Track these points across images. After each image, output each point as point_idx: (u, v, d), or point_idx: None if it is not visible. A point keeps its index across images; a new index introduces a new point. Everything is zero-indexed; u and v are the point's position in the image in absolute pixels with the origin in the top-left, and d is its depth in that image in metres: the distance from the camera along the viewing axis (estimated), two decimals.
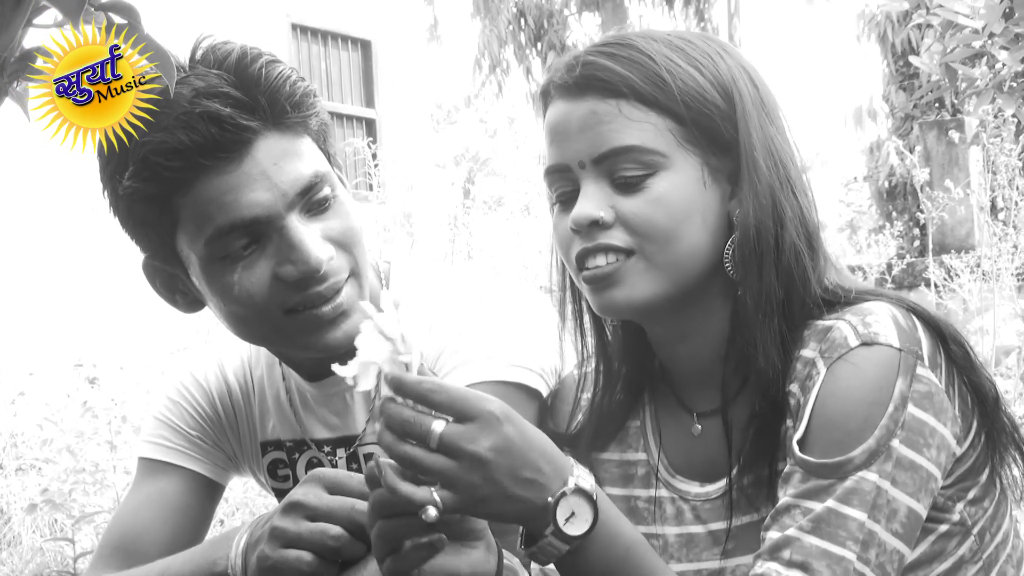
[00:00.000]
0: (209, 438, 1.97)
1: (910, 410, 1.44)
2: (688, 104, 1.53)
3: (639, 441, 1.68)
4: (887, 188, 15.36)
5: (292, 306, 1.74)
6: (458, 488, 1.31)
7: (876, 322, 1.47)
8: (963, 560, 1.53)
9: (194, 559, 1.70)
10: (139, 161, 1.67)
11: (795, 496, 1.44)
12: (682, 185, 1.52)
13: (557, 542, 1.36)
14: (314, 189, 1.74)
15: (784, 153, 1.57)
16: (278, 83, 1.72)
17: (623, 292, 1.54)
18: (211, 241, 1.72)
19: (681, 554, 1.61)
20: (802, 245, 1.53)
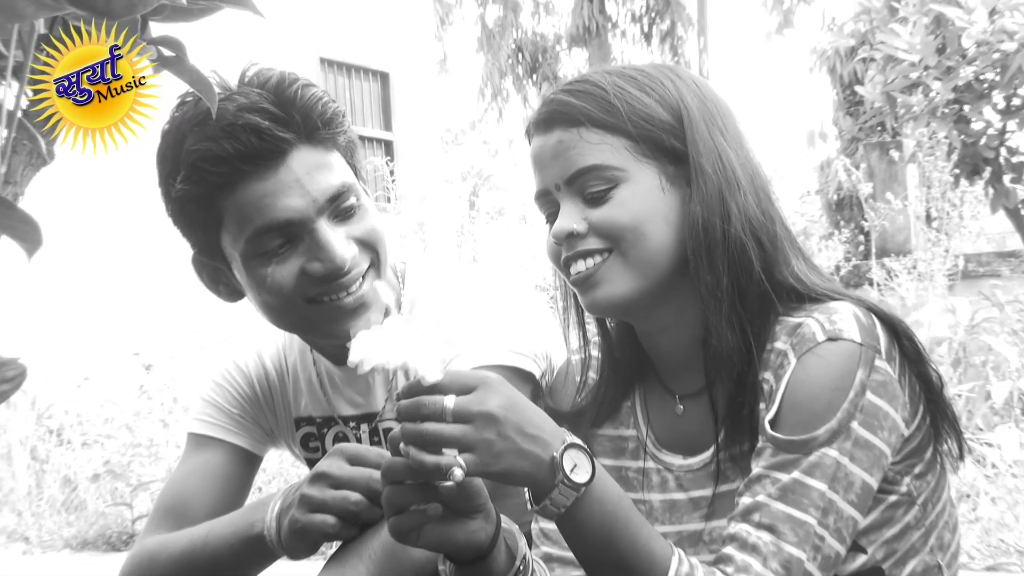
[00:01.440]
0: (249, 416, 1.97)
1: (868, 397, 1.45)
2: (637, 124, 1.54)
3: (630, 419, 1.68)
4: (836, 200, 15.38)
5: (312, 296, 1.74)
6: (477, 448, 1.31)
7: (840, 320, 1.47)
8: (908, 526, 1.53)
9: (235, 522, 1.69)
10: (189, 166, 1.69)
11: (766, 468, 1.45)
12: (642, 193, 1.53)
13: (567, 490, 1.35)
14: (341, 197, 1.75)
15: (732, 158, 1.57)
16: (311, 103, 1.72)
17: (604, 290, 1.55)
18: (251, 240, 1.72)
19: (665, 518, 1.61)
20: (748, 239, 1.53)
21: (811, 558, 1.40)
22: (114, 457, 7.19)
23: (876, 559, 1.51)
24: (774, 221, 1.57)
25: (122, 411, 7.60)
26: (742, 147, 1.60)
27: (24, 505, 7.21)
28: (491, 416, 1.31)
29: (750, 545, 1.41)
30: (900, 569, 1.52)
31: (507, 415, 1.32)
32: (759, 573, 1.39)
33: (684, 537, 1.58)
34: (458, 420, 1.31)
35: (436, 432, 1.31)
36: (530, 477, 1.35)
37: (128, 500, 6.74)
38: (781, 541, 1.40)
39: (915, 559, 1.53)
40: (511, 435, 1.32)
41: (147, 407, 7.54)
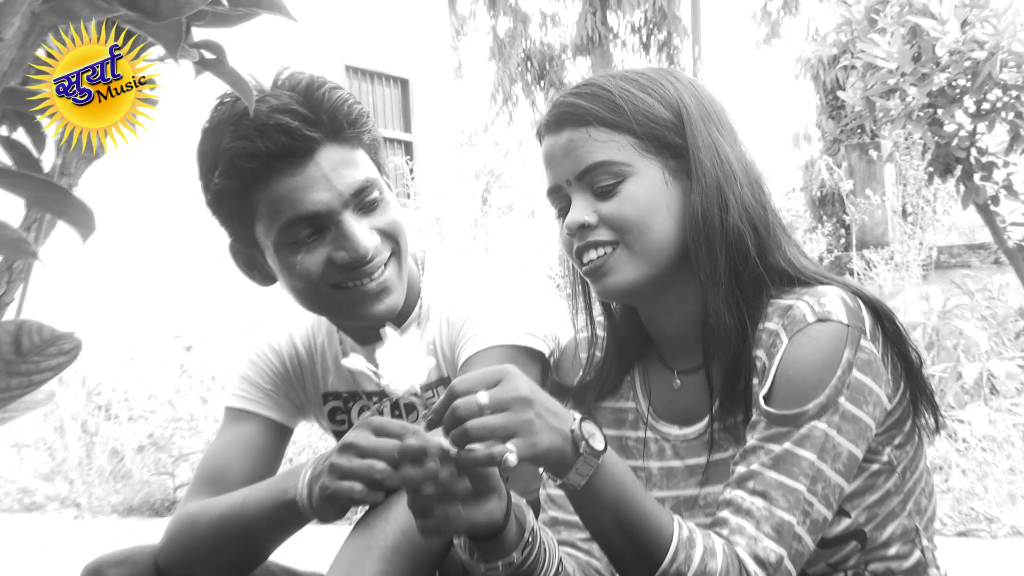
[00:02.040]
0: (281, 391, 1.97)
1: (854, 374, 1.45)
2: (641, 122, 1.54)
3: (630, 393, 1.68)
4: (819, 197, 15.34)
5: (338, 282, 1.75)
6: (520, 431, 1.30)
7: (829, 303, 1.47)
8: (889, 493, 1.53)
9: (269, 488, 1.69)
10: (226, 162, 1.71)
11: (759, 439, 1.45)
12: (647, 186, 1.53)
13: (591, 459, 1.34)
14: (365, 191, 1.76)
15: (728, 152, 1.57)
16: (338, 104, 1.73)
17: (614, 279, 1.55)
18: (282, 230, 1.73)
19: (662, 484, 1.61)
20: (745, 227, 1.53)
21: (800, 522, 1.40)
22: (157, 430, 7.21)
23: (859, 522, 1.51)
24: (767, 209, 1.57)
25: (164, 388, 7.62)
26: (736, 142, 1.59)
27: (75, 474, 7.23)
28: (525, 399, 1.31)
29: (744, 510, 1.41)
30: (881, 532, 1.52)
31: (536, 395, 1.32)
32: (752, 535, 1.40)
33: (680, 501, 1.58)
34: (497, 411, 1.30)
35: (480, 426, 1.29)
36: (560, 452, 1.34)
37: (170, 470, 6.76)
38: (773, 506, 1.40)
39: (894, 522, 1.53)
40: (543, 414, 1.32)
41: (187, 385, 7.56)
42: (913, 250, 7.10)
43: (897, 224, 7.46)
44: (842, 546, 1.50)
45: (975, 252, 8.99)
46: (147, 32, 0.89)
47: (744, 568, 1.38)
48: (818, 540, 1.44)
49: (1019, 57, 6.48)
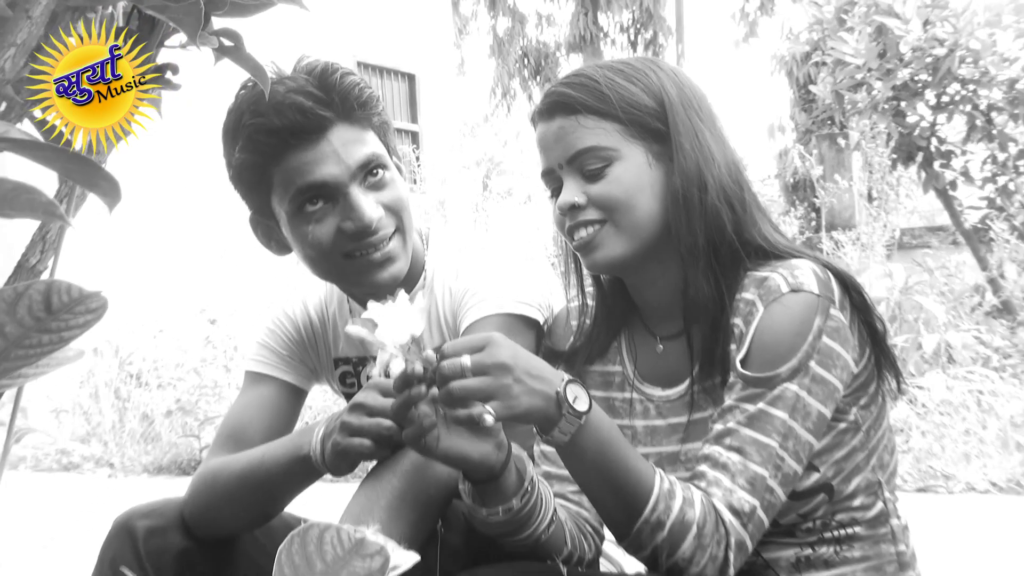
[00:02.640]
0: (296, 356, 1.96)
1: (824, 340, 1.44)
2: (626, 110, 1.53)
3: (617, 357, 1.68)
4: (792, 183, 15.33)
5: (348, 252, 1.75)
6: (498, 394, 1.31)
7: (801, 274, 1.46)
8: (854, 449, 1.53)
9: (286, 445, 1.69)
10: (245, 138, 1.72)
11: (736, 400, 1.45)
12: (632, 169, 1.52)
13: (572, 419, 1.35)
14: (372, 167, 1.76)
15: (707, 136, 1.56)
16: (349, 87, 1.74)
17: (602, 253, 1.55)
18: (294, 199, 1.73)
19: (647, 440, 1.61)
20: (722, 206, 1.52)
21: (773, 475, 1.40)
22: (184, 396, 7.22)
23: (827, 476, 1.51)
24: (744, 189, 1.56)
25: (191, 358, 7.64)
26: (715, 127, 1.58)
27: (109, 437, 7.25)
28: (504, 365, 1.32)
29: (721, 464, 1.42)
30: (847, 485, 1.52)
31: (516, 362, 1.33)
32: (728, 487, 1.40)
33: (663, 457, 1.58)
34: (477, 374, 1.31)
35: (461, 388, 1.31)
36: (542, 412, 1.35)
37: (196, 432, 6.77)
38: (748, 461, 1.40)
39: (859, 476, 1.53)
40: (523, 378, 1.33)
41: (212, 355, 7.57)
42: (878, 231, 7.09)
43: (863, 207, 7.44)
44: (811, 498, 1.50)
45: (935, 233, 8.99)
46: (169, 17, 0.88)
47: (720, 517, 1.39)
48: (789, 492, 1.44)
49: (976, 54, 6.47)
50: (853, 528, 1.53)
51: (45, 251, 0.94)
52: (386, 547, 0.82)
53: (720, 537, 1.38)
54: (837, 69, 7.05)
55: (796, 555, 1.53)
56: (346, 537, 0.79)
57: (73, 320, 0.69)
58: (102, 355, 7.81)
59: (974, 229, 7.03)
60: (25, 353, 0.70)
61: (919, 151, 6.95)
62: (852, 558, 1.54)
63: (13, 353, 0.69)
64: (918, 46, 6.61)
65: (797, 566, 1.53)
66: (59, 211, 0.67)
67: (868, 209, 7.31)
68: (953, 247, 7.90)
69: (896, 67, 6.70)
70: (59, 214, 0.68)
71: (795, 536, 1.53)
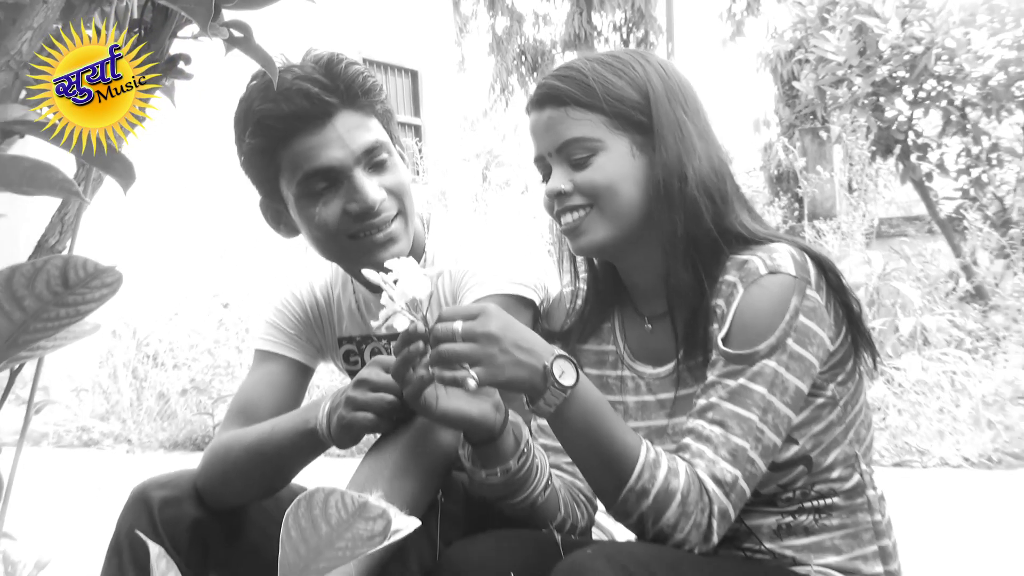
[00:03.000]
0: (303, 335, 1.96)
1: (800, 319, 1.44)
2: (610, 103, 1.53)
3: (610, 337, 1.68)
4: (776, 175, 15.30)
5: (352, 232, 1.75)
6: (483, 361, 1.35)
7: (779, 257, 1.47)
8: (832, 423, 1.53)
9: (293, 419, 1.70)
10: (255, 124, 1.72)
11: (718, 376, 1.45)
12: (615, 159, 1.52)
13: (557, 392, 1.38)
14: (375, 152, 1.76)
15: (691, 128, 1.55)
16: (354, 76, 1.74)
17: (587, 238, 1.55)
18: (301, 182, 1.74)
19: (637, 415, 1.61)
20: (701, 196, 1.52)
21: (753, 447, 1.41)
22: (198, 376, 7.23)
23: (806, 449, 1.51)
24: (724, 180, 1.55)
25: (205, 340, 7.64)
26: (700, 119, 1.57)
27: (127, 414, 7.25)
28: (491, 335, 1.35)
29: (704, 436, 1.42)
30: (825, 457, 1.53)
31: (505, 334, 1.36)
32: (711, 459, 1.40)
33: (652, 431, 1.58)
34: (466, 340, 1.35)
35: (449, 351, 1.35)
36: (528, 383, 1.37)
37: (210, 410, 6.77)
38: (729, 433, 1.41)
39: (837, 449, 1.54)
40: (509, 349, 1.36)
41: (224, 337, 7.58)
42: (858, 220, 7.09)
43: (844, 198, 7.44)
44: (791, 469, 1.51)
45: (911, 223, 8.98)
46: (181, 7, 0.88)
47: (704, 486, 1.39)
48: (769, 464, 1.45)
49: (951, 52, 6.46)
50: (831, 498, 1.54)
51: (64, 232, 0.94)
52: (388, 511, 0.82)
53: (704, 505, 1.39)
54: (819, 66, 7.04)
55: (777, 522, 1.53)
56: (350, 501, 0.79)
57: (89, 294, 0.69)
58: (120, 337, 7.82)
59: (949, 219, 7.03)
60: (43, 326, 0.70)
61: (897, 144, 6.94)
62: (830, 526, 1.54)
63: (32, 326, 0.69)
64: (896, 44, 6.61)
65: (778, 532, 1.53)
66: (75, 188, 0.67)
67: (848, 199, 7.31)
68: (929, 236, 7.90)
69: (875, 64, 6.69)
70: (75, 191, 0.68)
71: (776, 505, 1.53)
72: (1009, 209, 6.79)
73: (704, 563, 1.40)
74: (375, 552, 0.82)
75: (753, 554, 1.54)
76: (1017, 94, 6.58)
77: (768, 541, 1.53)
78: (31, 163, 0.67)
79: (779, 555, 1.53)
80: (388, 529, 0.80)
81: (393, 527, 0.82)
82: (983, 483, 4.35)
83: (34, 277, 0.68)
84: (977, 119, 6.73)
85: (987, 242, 6.72)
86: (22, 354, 0.71)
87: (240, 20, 1.07)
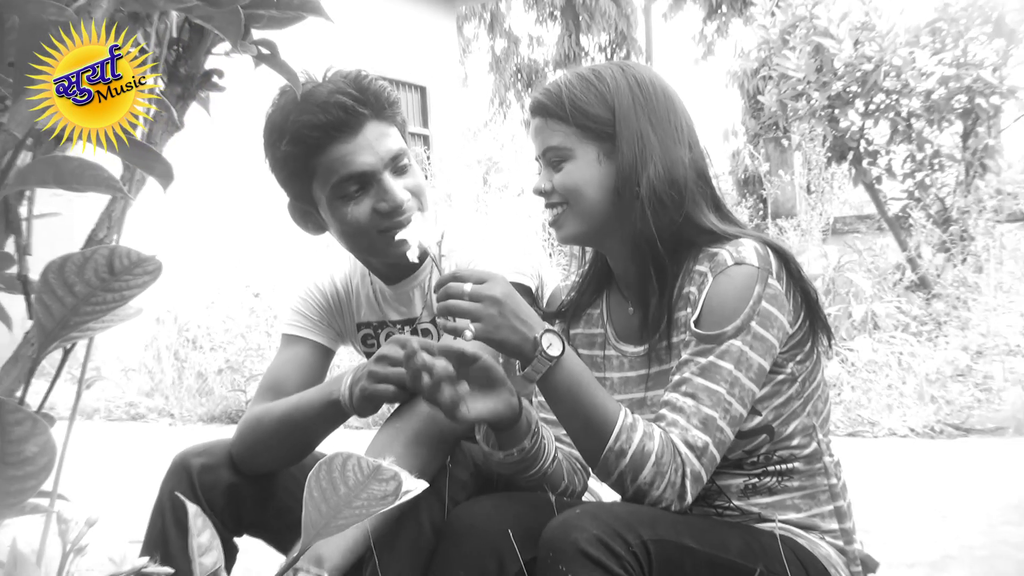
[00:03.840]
0: (325, 321, 1.95)
1: (763, 304, 1.44)
2: (577, 117, 1.53)
3: (599, 321, 1.68)
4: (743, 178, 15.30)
5: (382, 228, 1.75)
6: (483, 320, 1.39)
7: (744, 251, 1.47)
8: (791, 397, 1.53)
9: (319, 391, 1.70)
10: (293, 133, 1.71)
11: (690, 354, 1.45)
12: (582, 166, 1.52)
13: (544, 360, 1.40)
14: (399, 158, 1.76)
15: (653, 140, 1.52)
16: (380, 90, 1.75)
17: (564, 231, 1.57)
18: (335, 186, 1.74)
19: (621, 389, 1.61)
20: (653, 201, 1.50)
21: (722, 417, 1.41)
22: (233, 357, 7.23)
23: (768, 420, 1.51)
24: (682, 186, 1.52)
25: (238, 325, 7.64)
26: (667, 128, 1.55)
27: (169, 392, 7.25)
28: (495, 299, 1.39)
29: (678, 407, 1.42)
30: (785, 427, 1.52)
31: (506, 301, 1.39)
32: (684, 426, 1.41)
33: (633, 402, 1.58)
34: (473, 300, 1.39)
35: (456, 306, 1.39)
36: (518, 348, 1.40)
37: (243, 387, 6.77)
38: (700, 404, 1.41)
39: (796, 420, 1.53)
40: (508, 315, 1.39)
41: (255, 322, 7.58)
42: (815, 219, 7.09)
43: (803, 199, 7.43)
44: (755, 437, 1.51)
45: (863, 221, 8.99)
46: (215, 26, 0.87)
47: (677, 449, 1.39)
48: (736, 432, 1.45)
49: (898, 69, 6.46)
50: (792, 463, 1.54)
51: (111, 227, 0.94)
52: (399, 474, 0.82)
53: (677, 466, 1.39)
54: (781, 82, 7.03)
55: (744, 483, 1.53)
56: (366, 465, 0.79)
57: (133, 281, 0.68)
58: (163, 323, 7.82)
59: (896, 217, 7.03)
60: (92, 309, 0.70)
61: (850, 151, 6.94)
62: (791, 487, 1.54)
63: (82, 309, 0.69)
64: (849, 62, 6.60)
65: (745, 492, 1.53)
66: (118, 184, 0.67)
67: (807, 200, 7.30)
68: (878, 232, 7.90)
69: (831, 80, 6.69)
70: (119, 187, 0.67)
71: (743, 468, 1.53)
72: (949, 208, 6.79)
73: (678, 520, 1.40)
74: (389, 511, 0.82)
75: (723, 511, 1.54)
76: (956, 106, 6.58)
77: (736, 499, 1.53)
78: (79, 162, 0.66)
79: (746, 512, 1.53)
80: (400, 490, 0.80)
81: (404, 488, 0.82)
82: (927, 451, 4.36)
83: (83, 265, 0.67)
84: (921, 129, 6.73)
85: (930, 238, 6.72)
86: (73, 334, 0.71)
87: (267, 39, 1.07)
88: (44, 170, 0.69)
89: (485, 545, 1.44)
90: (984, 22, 6.40)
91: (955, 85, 6.47)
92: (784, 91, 6.98)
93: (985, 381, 5.06)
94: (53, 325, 0.68)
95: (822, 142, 6.92)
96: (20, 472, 0.69)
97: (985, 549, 2.86)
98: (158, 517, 1.72)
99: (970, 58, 6.46)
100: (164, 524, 1.71)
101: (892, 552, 2.82)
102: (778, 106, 7.17)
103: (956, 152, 6.81)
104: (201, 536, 0.92)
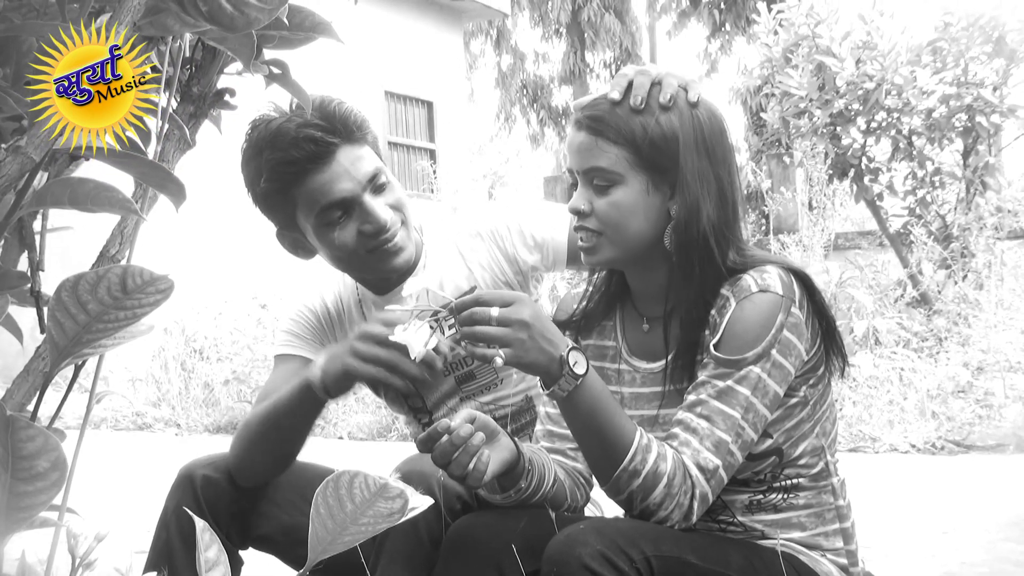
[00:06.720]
0: (316, 338, 1.94)
1: (784, 333, 1.44)
2: (637, 145, 1.47)
3: (612, 334, 1.66)
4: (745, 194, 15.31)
5: (370, 248, 1.78)
6: (513, 345, 1.36)
7: (769, 278, 1.45)
8: (802, 420, 1.52)
9: (292, 381, 1.71)
10: (269, 170, 1.74)
11: (708, 376, 1.45)
12: (632, 194, 1.48)
13: (570, 379, 1.39)
14: (376, 178, 1.78)
15: (712, 177, 1.49)
16: (347, 114, 1.76)
17: (595, 257, 1.53)
18: (319, 215, 1.76)
19: (632, 405, 1.60)
20: (712, 237, 1.47)
21: (734, 441, 1.41)
22: (239, 368, 7.22)
23: (778, 442, 1.50)
24: (735, 224, 1.52)
25: (245, 336, 7.63)
26: (723, 166, 1.51)
27: (176, 402, 7.25)
28: (524, 323, 1.36)
29: (692, 428, 1.42)
30: (795, 448, 1.52)
31: (535, 323, 1.37)
32: (696, 448, 1.40)
33: (644, 419, 1.57)
34: (501, 324, 1.36)
35: (485, 332, 1.36)
36: (545, 368, 1.39)
37: (249, 399, 6.77)
38: (714, 427, 1.41)
39: (805, 441, 1.53)
40: (536, 337, 1.37)
41: (262, 334, 7.57)
42: (817, 235, 7.08)
43: (805, 215, 7.42)
44: (764, 459, 1.50)
45: (864, 237, 8.96)
46: (227, 48, 0.87)
47: (688, 471, 1.39)
48: (746, 455, 1.44)
49: (899, 87, 6.46)
50: (798, 479, 1.53)
51: (123, 243, 0.94)
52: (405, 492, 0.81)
53: (687, 488, 1.39)
54: (784, 99, 7.03)
55: (749, 499, 1.52)
56: (372, 482, 0.79)
57: (145, 299, 0.68)
58: (171, 334, 7.82)
59: (897, 233, 7.02)
60: (104, 327, 0.70)
61: (851, 168, 6.94)
62: (797, 505, 1.53)
63: (94, 327, 0.69)
64: (851, 81, 6.60)
65: (750, 507, 1.53)
66: (133, 206, 0.67)
67: (809, 216, 7.29)
68: (880, 248, 7.89)
69: (833, 98, 6.69)
70: (133, 209, 0.68)
71: (748, 485, 1.52)
72: (950, 226, 6.78)
73: (681, 536, 1.40)
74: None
75: (727, 526, 1.53)
76: (957, 125, 6.58)
77: (740, 515, 1.53)
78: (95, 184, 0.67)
79: (750, 528, 1.52)
80: (406, 507, 0.80)
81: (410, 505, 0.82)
82: (928, 467, 4.34)
83: (96, 284, 0.67)
84: (922, 146, 6.73)
85: (931, 254, 6.71)
86: (85, 351, 0.71)
87: (278, 59, 1.07)
88: (60, 191, 0.69)
89: (487, 559, 1.44)
90: (985, 42, 6.41)
91: (956, 104, 6.47)
92: (787, 108, 6.98)
93: (986, 397, 5.04)
94: (66, 342, 0.68)
95: (824, 159, 6.91)
96: (31, 487, 0.69)
97: (985, 566, 2.84)
98: (163, 531, 1.72)
99: (971, 77, 6.46)
100: (169, 537, 1.71)
101: (892, 568, 2.81)
102: (780, 123, 7.17)
103: (957, 170, 6.81)
104: (208, 551, 0.91)
